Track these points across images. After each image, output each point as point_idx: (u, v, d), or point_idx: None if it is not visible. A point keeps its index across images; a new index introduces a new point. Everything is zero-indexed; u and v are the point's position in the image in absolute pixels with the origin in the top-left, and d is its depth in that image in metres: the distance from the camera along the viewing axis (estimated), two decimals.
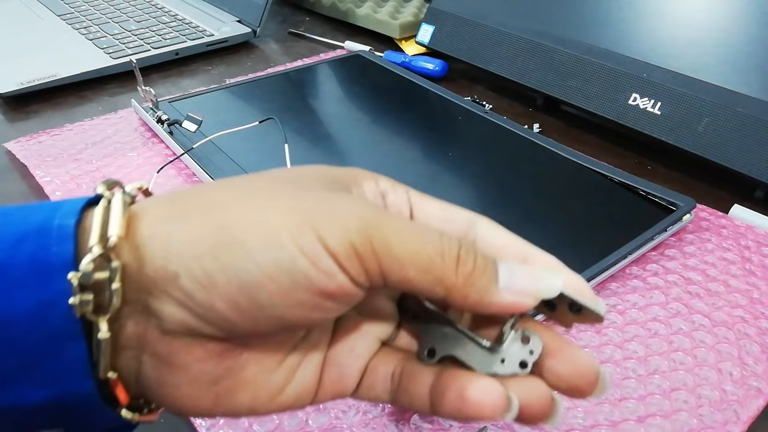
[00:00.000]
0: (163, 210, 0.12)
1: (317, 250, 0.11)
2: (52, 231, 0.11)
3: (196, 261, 0.11)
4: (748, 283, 0.24)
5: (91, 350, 0.11)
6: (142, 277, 0.11)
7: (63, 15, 0.49)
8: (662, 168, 0.33)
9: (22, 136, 0.34)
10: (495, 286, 0.12)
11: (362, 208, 0.11)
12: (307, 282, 0.11)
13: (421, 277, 0.11)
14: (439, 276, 0.11)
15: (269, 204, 0.11)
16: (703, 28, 0.31)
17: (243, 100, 0.37)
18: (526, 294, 0.12)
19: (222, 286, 0.11)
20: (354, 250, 0.11)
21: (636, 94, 0.32)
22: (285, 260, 0.11)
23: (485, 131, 0.34)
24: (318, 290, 0.11)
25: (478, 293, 0.11)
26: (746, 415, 0.19)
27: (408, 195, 0.14)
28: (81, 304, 0.11)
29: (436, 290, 0.11)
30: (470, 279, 0.11)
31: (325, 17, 0.54)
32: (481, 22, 0.39)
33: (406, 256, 0.11)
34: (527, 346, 0.12)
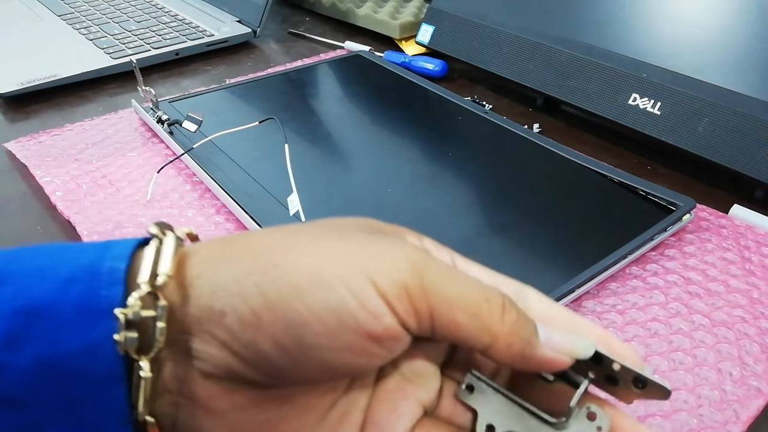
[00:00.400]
0: (212, 252, 0.12)
1: (366, 290, 0.11)
2: (102, 274, 0.11)
3: (243, 299, 0.11)
4: (747, 283, 0.24)
5: (130, 395, 0.11)
6: (187, 316, 0.11)
7: (63, 15, 0.50)
8: (662, 168, 0.33)
9: (23, 136, 0.34)
10: (537, 338, 0.12)
11: (412, 250, 0.12)
12: (354, 324, 0.11)
13: (469, 322, 0.11)
14: (486, 322, 0.11)
15: (316, 247, 0.12)
16: (704, 28, 0.31)
17: (243, 100, 0.37)
18: (564, 352, 0.12)
19: (268, 326, 0.11)
20: (405, 289, 0.11)
21: (636, 94, 0.32)
22: (333, 300, 0.11)
23: (485, 131, 0.34)
24: (365, 332, 0.11)
25: (522, 343, 0.11)
26: (746, 415, 0.19)
27: (452, 257, 0.13)
28: (126, 342, 0.11)
29: (482, 338, 0.11)
30: (515, 328, 0.11)
31: (325, 17, 0.54)
32: (481, 23, 0.39)
33: (455, 298, 0.11)
34: (594, 423, 0.12)
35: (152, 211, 0.28)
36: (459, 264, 0.13)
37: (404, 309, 0.11)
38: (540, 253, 0.24)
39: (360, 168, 0.31)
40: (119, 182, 0.30)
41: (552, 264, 0.24)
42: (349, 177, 0.30)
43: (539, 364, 0.12)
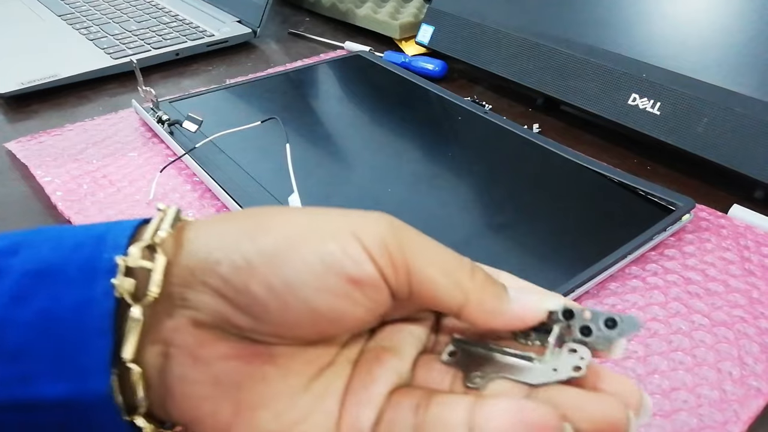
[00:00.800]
0: (210, 219, 0.13)
1: (351, 242, 0.12)
2: (108, 240, 0.12)
3: (237, 248, 0.12)
4: (747, 283, 0.24)
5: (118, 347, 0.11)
6: (183, 270, 0.12)
7: (63, 15, 0.50)
8: (662, 168, 0.33)
9: (23, 136, 0.34)
10: (507, 294, 0.13)
11: (392, 218, 0.13)
12: (338, 267, 0.11)
13: (442, 277, 0.12)
14: (458, 278, 0.12)
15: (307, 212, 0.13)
16: (703, 29, 0.31)
17: (243, 101, 0.37)
18: (533, 306, 0.13)
19: (257, 267, 0.11)
20: (385, 245, 0.12)
21: (635, 94, 0.32)
22: (321, 248, 0.12)
23: (485, 131, 0.34)
24: (347, 276, 0.12)
25: (493, 299, 0.12)
26: (746, 415, 0.19)
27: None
28: (123, 286, 0.11)
29: (455, 294, 0.12)
30: (485, 285, 0.12)
31: (325, 17, 0.54)
32: (481, 23, 0.39)
33: (429, 255, 0.12)
34: (576, 354, 0.12)
35: (153, 211, 0.28)
36: None
37: (384, 261, 0.12)
38: (539, 253, 0.24)
39: (360, 168, 0.31)
40: (120, 182, 0.30)
41: (551, 264, 0.24)
42: (350, 177, 0.30)
43: (512, 319, 0.12)
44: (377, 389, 0.13)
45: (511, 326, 0.13)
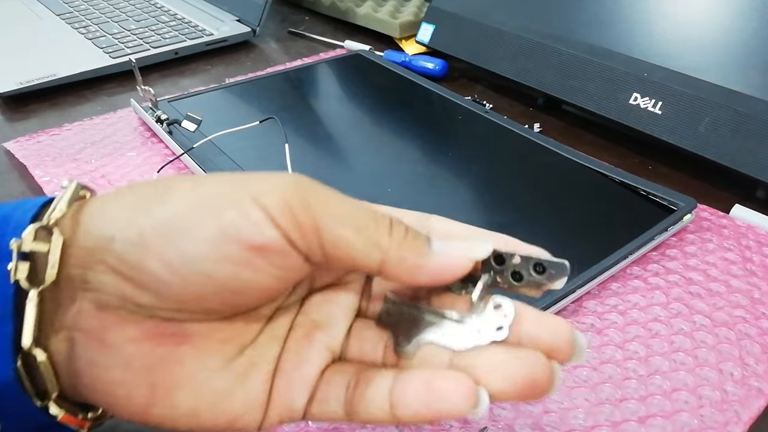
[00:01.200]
0: (112, 192, 0.12)
1: (248, 204, 0.11)
2: (12, 221, 0.12)
3: (130, 222, 0.11)
4: (749, 284, 0.24)
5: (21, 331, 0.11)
6: (82, 250, 0.11)
7: (62, 14, 0.49)
8: (663, 168, 0.33)
9: (21, 135, 0.34)
10: (428, 248, 0.12)
11: (298, 175, 0.12)
12: (236, 233, 0.11)
13: (356, 237, 0.11)
14: (373, 236, 0.11)
15: (207, 178, 0.12)
16: (705, 28, 0.31)
17: (243, 100, 0.37)
18: (459, 256, 0.12)
19: (152, 241, 0.11)
20: (287, 205, 0.11)
21: (637, 94, 0.32)
22: (215, 213, 0.11)
23: (485, 131, 0.34)
24: (247, 243, 0.11)
25: (414, 254, 0.12)
26: (747, 416, 0.19)
27: None
28: (17, 271, 0.11)
29: (372, 253, 0.11)
30: (404, 241, 0.12)
31: (325, 16, 0.53)
32: (482, 22, 0.39)
33: (340, 214, 0.11)
34: (500, 311, 0.12)
35: None
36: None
37: (287, 222, 0.11)
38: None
39: (360, 167, 0.31)
40: (118, 182, 0.30)
41: None
42: (349, 176, 0.30)
43: (437, 272, 0.12)
44: (309, 370, 0.13)
45: (438, 281, 0.12)
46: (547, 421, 0.19)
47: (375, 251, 0.11)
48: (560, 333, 0.12)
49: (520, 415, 0.19)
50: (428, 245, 0.12)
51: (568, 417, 0.19)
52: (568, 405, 0.20)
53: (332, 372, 0.13)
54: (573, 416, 0.19)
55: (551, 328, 0.12)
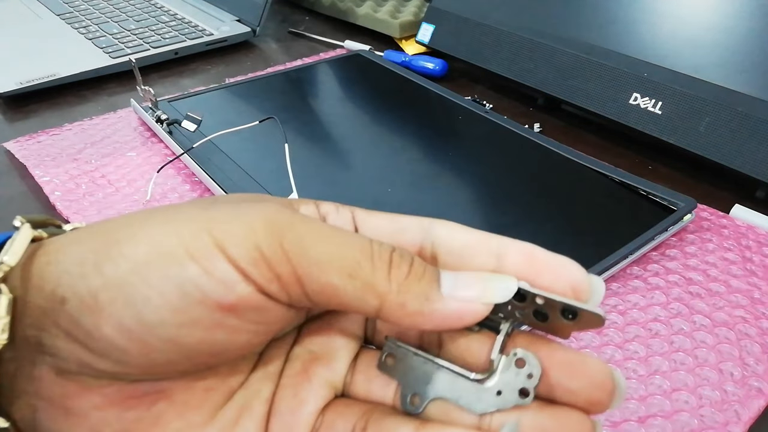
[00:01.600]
0: (70, 237, 0.11)
1: (212, 256, 0.09)
2: None
3: (83, 281, 0.10)
4: (749, 284, 0.24)
5: None
6: (35, 309, 0.10)
7: (62, 14, 0.49)
8: (663, 168, 0.33)
9: (21, 135, 0.34)
10: (437, 291, 0.10)
11: (272, 209, 0.10)
12: (200, 294, 0.09)
13: (347, 283, 0.09)
14: (368, 281, 0.09)
15: (169, 218, 0.10)
16: (705, 28, 0.31)
17: (243, 100, 0.37)
18: (473, 299, 0.10)
19: (107, 306, 0.09)
20: (260, 253, 0.09)
21: (637, 94, 0.32)
22: (173, 269, 0.09)
23: (485, 131, 0.34)
24: (214, 303, 0.09)
25: (417, 300, 0.10)
26: (747, 416, 0.19)
27: (353, 214, 0.12)
28: None
29: (368, 300, 0.10)
30: (406, 284, 0.10)
31: (325, 16, 0.53)
32: (482, 22, 0.39)
33: (326, 259, 0.09)
34: (523, 370, 0.10)
35: None
36: (360, 219, 0.12)
37: (261, 275, 0.09)
38: None
39: (360, 167, 0.31)
40: (118, 182, 0.30)
41: None
42: (349, 176, 0.30)
43: (445, 320, 0.10)
44: (307, 411, 0.11)
45: (446, 328, 0.10)
46: None
47: (370, 297, 0.10)
48: (600, 382, 0.10)
49: None
50: (436, 287, 0.10)
51: None
52: None
53: (335, 413, 0.11)
54: None
55: (589, 378, 0.10)
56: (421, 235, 0.11)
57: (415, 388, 0.11)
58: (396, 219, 0.12)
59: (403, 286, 0.10)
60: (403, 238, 0.11)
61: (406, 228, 0.11)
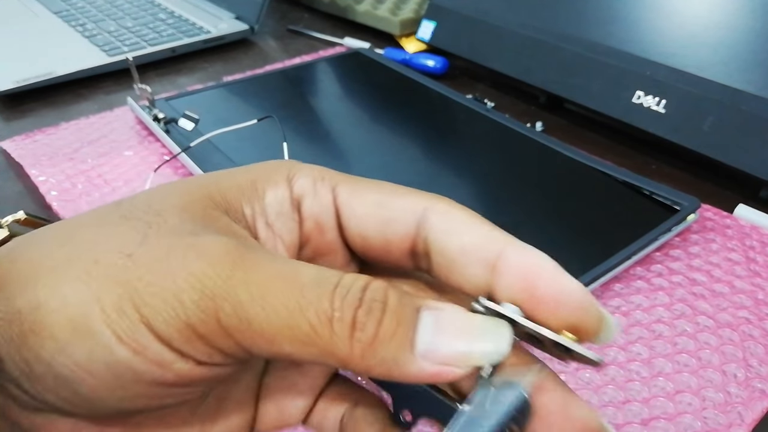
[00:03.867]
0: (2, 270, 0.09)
1: (140, 337, 0.08)
2: None
3: (14, 346, 0.09)
4: (753, 284, 0.24)
5: None
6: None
7: (59, 12, 0.49)
8: (666, 167, 0.32)
9: (18, 134, 0.34)
10: (408, 354, 0.08)
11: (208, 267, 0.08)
12: (134, 375, 0.08)
13: (303, 351, 0.08)
14: (327, 349, 0.08)
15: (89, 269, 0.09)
16: (709, 26, 0.31)
17: (241, 98, 0.36)
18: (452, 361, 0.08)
19: (42, 378, 0.08)
20: (192, 332, 0.08)
21: (640, 92, 0.32)
22: (100, 352, 0.08)
23: (487, 129, 0.33)
24: (152, 382, 0.08)
25: (384, 365, 0.08)
26: (750, 418, 0.19)
27: (334, 194, 0.10)
28: None
29: (329, 363, 0.08)
30: (371, 350, 0.08)
31: (325, 14, 0.53)
32: (483, 19, 0.39)
33: (273, 330, 0.08)
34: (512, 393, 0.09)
35: None
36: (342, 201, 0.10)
37: (198, 351, 0.08)
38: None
39: (360, 167, 0.31)
40: (115, 181, 0.30)
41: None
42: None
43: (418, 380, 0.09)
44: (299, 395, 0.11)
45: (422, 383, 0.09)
46: None
47: (332, 361, 0.08)
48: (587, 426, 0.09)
49: None
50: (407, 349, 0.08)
51: None
52: None
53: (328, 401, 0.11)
54: None
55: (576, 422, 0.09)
56: (414, 228, 0.10)
57: (407, 403, 0.10)
58: (385, 202, 0.10)
59: (368, 351, 0.08)
60: (391, 231, 0.10)
61: (395, 218, 0.10)
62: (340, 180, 0.11)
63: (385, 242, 0.10)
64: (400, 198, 0.10)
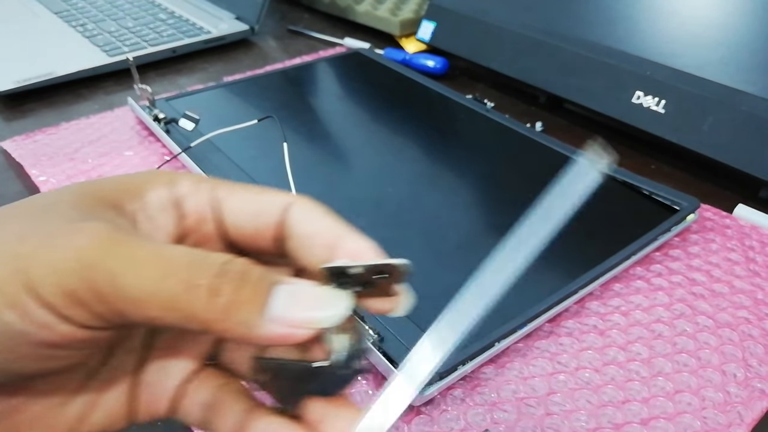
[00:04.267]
0: None
1: (25, 302, 0.09)
2: None
3: None
4: (752, 284, 0.24)
5: None
6: None
7: (59, 12, 0.49)
8: (666, 167, 0.32)
9: (18, 134, 0.34)
10: (259, 318, 0.10)
11: (87, 242, 0.10)
12: (22, 337, 0.10)
13: (168, 315, 0.10)
14: (188, 312, 0.10)
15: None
16: (708, 26, 0.31)
17: (241, 99, 0.36)
18: (299, 324, 0.10)
19: None
20: (73, 296, 0.09)
21: (640, 92, 0.32)
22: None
23: (487, 130, 0.33)
24: (39, 342, 0.10)
25: (239, 327, 0.10)
26: (750, 417, 0.19)
27: (214, 193, 0.12)
28: None
29: (193, 326, 0.10)
30: (226, 313, 0.10)
31: (325, 14, 0.53)
32: (483, 19, 0.39)
33: (142, 295, 0.10)
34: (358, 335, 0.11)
35: None
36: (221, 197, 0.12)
37: (79, 315, 0.10)
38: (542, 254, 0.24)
39: (360, 167, 0.31)
40: None
41: (555, 265, 0.24)
42: (349, 176, 0.30)
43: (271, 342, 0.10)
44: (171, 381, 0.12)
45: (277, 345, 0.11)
46: (549, 423, 0.19)
47: (194, 324, 0.10)
48: None
49: (522, 417, 0.19)
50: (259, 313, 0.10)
51: (570, 419, 0.19)
52: (571, 407, 0.19)
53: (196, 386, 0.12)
54: (575, 418, 0.19)
55: None
56: (279, 217, 0.12)
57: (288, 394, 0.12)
58: (257, 198, 0.12)
59: (223, 314, 0.10)
60: (261, 221, 0.12)
61: (265, 210, 0.12)
62: (219, 182, 0.13)
63: (255, 231, 0.12)
64: (270, 194, 0.12)
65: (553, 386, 0.20)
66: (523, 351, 0.21)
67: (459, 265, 0.23)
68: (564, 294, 0.22)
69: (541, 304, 0.21)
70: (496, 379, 0.20)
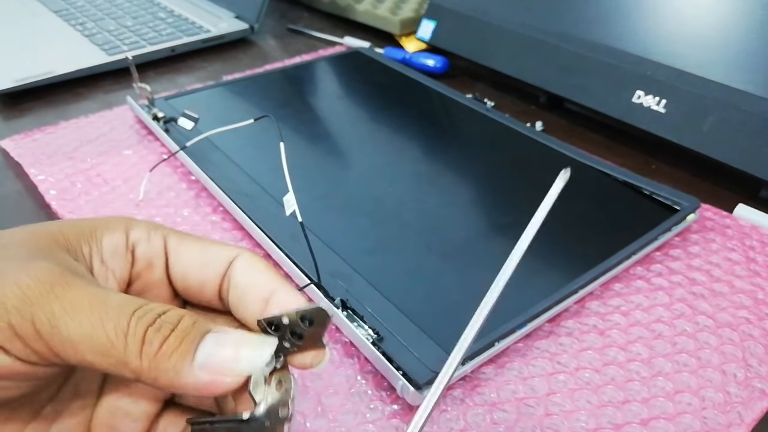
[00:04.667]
0: None
1: None
2: None
3: None
4: (752, 284, 0.24)
5: None
6: None
7: (59, 11, 0.49)
8: (666, 167, 0.32)
9: (17, 133, 0.33)
10: (188, 366, 0.10)
11: (32, 281, 0.10)
12: None
13: (102, 360, 0.10)
14: (121, 359, 0.10)
15: None
16: (709, 26, 0.31)
17: (240, 98, 0.36)
18: (225, 372, 0.11)
19: None
20: (13, 332, 0.10)
21: (640, 92, 0.32)
22: None
23: (487, 129, 0.33)
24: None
25: (167, 375, 0.10)
26: (750, 417, 0.19)
27: (165, 242, 0.13)
28: None
29: (125, 373, 0.10)
30: (155, 361, 0.10)
31: (324, 13, 0.53)
32: (484, 19, 0.39)
33: (77, 338, 0.10)
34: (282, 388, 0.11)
35: (148, 210, 0.28)
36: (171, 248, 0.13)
37: (18, 350, 0.10)
38: (543, 254, 0.24)
39: (359, 167, 0.31)
40: (114, 181, 0.30)
41: (555, 265, 0.24)
42: (348, 176, 0.30)
43: (199, 391, 0.11)
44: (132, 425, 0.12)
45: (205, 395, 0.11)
46: (549, 423, 0.19)
47: (126, 372, 0.10)
48: None
49: (521, 417, 0.19)
50: (187, 361, 0.10)
51: (570, 419, 0.19)
52: (570, 407, 0.19)
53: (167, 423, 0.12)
54: (575, 419, 0.19)
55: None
56: (224, 272, 0.13)
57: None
58: (206, 250, 0.13)
59: (153, 362, 0.10)
60: (207, 274, 0.13)
61: (212, 261, 0.13)
62: (171, 232, 0.13)
63: (201, 283, 0.13)
64: (218, 247, 0.13)
65: (552, 386, 0.20)
66: (522, 351, 0.21)
67: (459, 265, 0.23)
68: (564, 294, 0.22)
69: (541, 304, 0.21)
70: (496, 379, 0.20)
